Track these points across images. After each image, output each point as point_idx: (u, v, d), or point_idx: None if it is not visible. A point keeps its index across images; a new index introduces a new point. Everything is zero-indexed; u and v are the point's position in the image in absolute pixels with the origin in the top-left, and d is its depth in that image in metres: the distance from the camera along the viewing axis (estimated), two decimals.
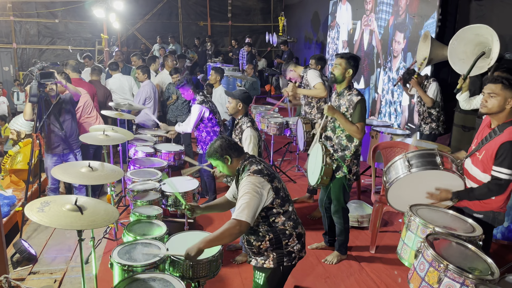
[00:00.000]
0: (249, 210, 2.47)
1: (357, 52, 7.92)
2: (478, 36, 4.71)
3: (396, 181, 3.14)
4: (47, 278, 3.92)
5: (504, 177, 2.72)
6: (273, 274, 2.64)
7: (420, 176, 3.07)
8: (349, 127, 3.54)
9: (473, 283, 2.04)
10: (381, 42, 7.17)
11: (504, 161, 2.71)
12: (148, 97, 6.42)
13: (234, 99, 3.85)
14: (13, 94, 12.57)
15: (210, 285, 3.66)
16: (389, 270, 3.77)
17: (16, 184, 5.76)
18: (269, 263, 2.62)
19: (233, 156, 2.71)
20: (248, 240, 2.71)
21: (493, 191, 2.79)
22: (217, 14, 15.69)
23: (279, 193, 2.60)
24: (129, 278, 2.55)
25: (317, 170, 3.60)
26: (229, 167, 2.72)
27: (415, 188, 3.10)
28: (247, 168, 2.65)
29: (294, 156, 6.90)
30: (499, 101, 2.73)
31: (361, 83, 7.19)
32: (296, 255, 2.67)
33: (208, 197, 5.42)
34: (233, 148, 2.72)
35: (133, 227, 3.37)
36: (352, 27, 7.65)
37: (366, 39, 7.63)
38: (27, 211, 2.44)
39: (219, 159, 2.71)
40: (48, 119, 4.60)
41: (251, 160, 2.70)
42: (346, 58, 3.57)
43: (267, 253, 2.64)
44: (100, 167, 3.23)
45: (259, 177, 2.56)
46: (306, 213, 4.96)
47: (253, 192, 2.50)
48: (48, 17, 14.19)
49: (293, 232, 2.65)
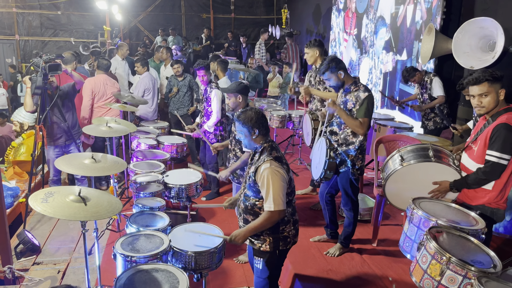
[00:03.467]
0: (282, 198, 2.60)
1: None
2: (483, 29, 4.68)
3: (390, 176, 3.18)
4: (51, 268, 3.95)
5: (493, 159, 2.69)
6: (271, 258, 2.78)
7: (414, 170, 3.10)
8: (351, 122, 3.54)
9: (475, 275, 2.05)
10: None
11: (494, 144, 2.69)
12: (147, 89, 6.44)
13: (232, 93, 3.83)
14: (17, 86, 12.55)
15: (212, 276, 3.69)
16: (391, 263, 3.78)
17: (19, 175, 5.78)
18: (266, 247, 2.74)
19: (261, 132, 2.74)
20: (245, 219, 2.79)
21: (486, 175, 2.74)
22: (219, 7, 15.62)
23: (291, 183, 2.73)
24: (132, 269, 2.57)
25: (320, 164, 3.60)
26: (251, 140, 2.75)
27: (412, 183, 3.12)
28: (267, 151, 2.70)
29: (296, 149, 6.90)
30: (492, 97, 2.73)
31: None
32: (291, 240, 2.82)
33: (211, 190, 5.44)
34: (264, 125, 2.76)
35: (136, 218, 3.38)
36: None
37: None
38: (31, 202, 2.46)
39: (248, 127, 2.72)
40: (51, 111, 4.60)
41: (272, 144, 2.75)
42: (329, 69, 3.57)
43: (263, 237, 2.74)
44: (103, 158, 3.24)
45: (279, 165, 2.64)
46: (309, 205, 4.96)
47: (279, 180, 2.59)
48: (50, 8, 14.16)
49: (291, 219, 2.80)
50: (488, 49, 4.73)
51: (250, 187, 2.74)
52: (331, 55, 3.62)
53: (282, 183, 2.60)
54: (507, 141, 2.65)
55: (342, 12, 9.80)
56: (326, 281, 3.57)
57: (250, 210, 2.75)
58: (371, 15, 8.30)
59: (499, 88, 2.73)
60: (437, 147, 3.14)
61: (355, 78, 3.65)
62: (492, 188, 2.80)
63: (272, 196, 2.57)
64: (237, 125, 2.77)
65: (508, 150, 2.66)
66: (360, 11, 8.74)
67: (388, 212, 4.80)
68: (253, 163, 2.76)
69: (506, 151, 2.66)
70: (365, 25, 8.58)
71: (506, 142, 2.65)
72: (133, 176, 4.39)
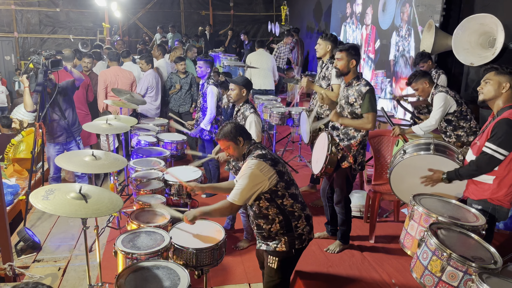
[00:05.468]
0: (244, 194, 2.61)
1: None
2: (483, 25, 4.68)
3: (394, 168, 3.26)
4: (51, 266, 3.95)
5: (488, 151, 2.70)
6: (286, 257, 2.75)
7: (415, 162, 3.15)
8: (357, 123, 3.56)
9: (476, 271, 2.05)
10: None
11: (493, 137, 2.70)
12: (150, 86, 6.43)
13: (238, 85, 3.90)
14: (15, 83, 12.54)
15: (213, 273, 3.69)
16: (392, 260, 3.78)
17: (19, 173, 5.78)
18: (282, 247, 2.72)
19: (244, 138, 2.81)
20: (258, 225, 2.78)
21: (477, 167, 2.76)
22: (219, 3, 15.59)
23: (283, 177, 2.69)
24: (133, 266, 2.57)
25: (321, 159, 3.60)
26: (240, 149, 2.81)
27: (416, 178, 3.14)
28: (251, 152, 2.75)
29: (296, 146, 6.90)
30: (493, 85, 2.75)
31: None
32: (306, 237, 2.78)
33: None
34: (244, 131, 2.84)
35: (137, 215, 3.38)
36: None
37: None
38: (32, 199, 2.46)
39: (232, 140, 2.78)
40: (51, 108, 4.59)
41: (256, 145, 2.81)
42: (346, 50, 3.56)
43: (278, 237, 2.72)
44: (104, 156, 3.24)
45: (261, 161, 2.63)
46: (309, 202, 4.97)
47: (251, 176, 2.60)
48: (49, 6, 14.12)
49: (302, 214, 2.76)
50: (488, 46, 4.74)
51: None
52: (355, 44, 3.66)
53: (254, 182, 2.60)
54: (506, 135, 2.65)
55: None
56: (326, 277, 3.58)
57: (259, 214, 2.73)
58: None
59: (505, 81, 2.73)
60: (443, 143, 3.19)
61: (358, 73, 3.66)
62: (492, 181, 2.79)
63: (241, 190, 2.60)
64: (222, 145, 2.84)
65: (504, 145, 2.66)
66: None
67: (388, 209, 4.81)
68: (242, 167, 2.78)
69: (503, 146, 2.66)
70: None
71: (504, 137, 2.65)
72: (133, 173, 4.39)
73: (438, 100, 4.02)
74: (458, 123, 4.02)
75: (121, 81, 6.30)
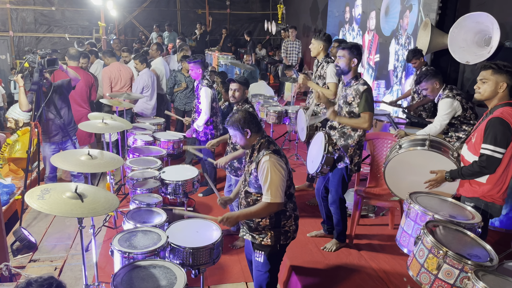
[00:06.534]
0: (281, 191, 2.64)
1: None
2: (479, 24, 4.69)
3: (388, 162, 3.26)
4: (48, 265, 3.94)
5: (487, 152, 2.69)
6: (272, 251, 2.82)
7: (410, 157, 3.16)
8: (355, 122, 3.56)
9: (472, 269, 2.06)
10: None
11: (487, 137, 2.70)
12: (146, 86, 6.43)
13: (242, 85, 3.94)
14: (10, 82, 12.47)
15: (210, 272, 3.69)
16: (388, 258, 3.79)
17: (15, 172, 5.75)
18: (267, 241, 2.78)
19: (253, 130, 2.77)
20: None
21: (481, 168, 2.74)
22: (215, 2, 15.54)
23: (289, 176, 2.76)
24: (130, 265, 2.56)
25: (317, 158, 3.60)
26: (247, 140, 2.79)
27: (410, 172, 3.17)
28: (264, 146, 2.73)
29: (293, 145, 6.90)
30: (490, 85, 2.75)
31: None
32: (291, 235, 2.86)
33: (208, 186, 5.43)
34: (254, 123, 2.79)
35: (133, 215, 3.38)
36: None
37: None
38: (28, 199, 2.44)
39: (239, 130, 2.76)
40: (47, 108, 4.57)
41: (268, 139, 2.80)
42: (348, 48, 3.55)
43: (264, 231, 2.78)
44: (100, 155, 3.23)
45: (279, 157, 2.67)
46: (306, 200, 4.97)
47: (279, 172, 2.63)
48: (44, 4, 14.03)
49: (292, 214, 2.83)
50: (483, 44, 4.75)
51: (251, 184, 2.79)
52: (358, 43, 3.64)
53: (281, 176, 2.63)
54: (499, 134, 2.66)
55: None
56: (323, 275, 3.58)
57: (253, 205, 2.78)
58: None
59: (502, 80, 2.73)
60: (438, 139, 3.19)
61: (357, 73, 3.65)
62: (486, 181, 2.80)
63: (271, 188, 2.61)
64: (230, 131, 2.83)
65: (501, 144, 2.66)
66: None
67: (384, 207, 4.81)
68: (252, 160, 2.78)
69: (499, 145, 2.67)
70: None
71: (498, 136, 2.66)
72: (130, 173, 4.38)
73: (445, 106, 3.93)
74: (460, 126, 3.99)
75: (123, 75, 6.42)
